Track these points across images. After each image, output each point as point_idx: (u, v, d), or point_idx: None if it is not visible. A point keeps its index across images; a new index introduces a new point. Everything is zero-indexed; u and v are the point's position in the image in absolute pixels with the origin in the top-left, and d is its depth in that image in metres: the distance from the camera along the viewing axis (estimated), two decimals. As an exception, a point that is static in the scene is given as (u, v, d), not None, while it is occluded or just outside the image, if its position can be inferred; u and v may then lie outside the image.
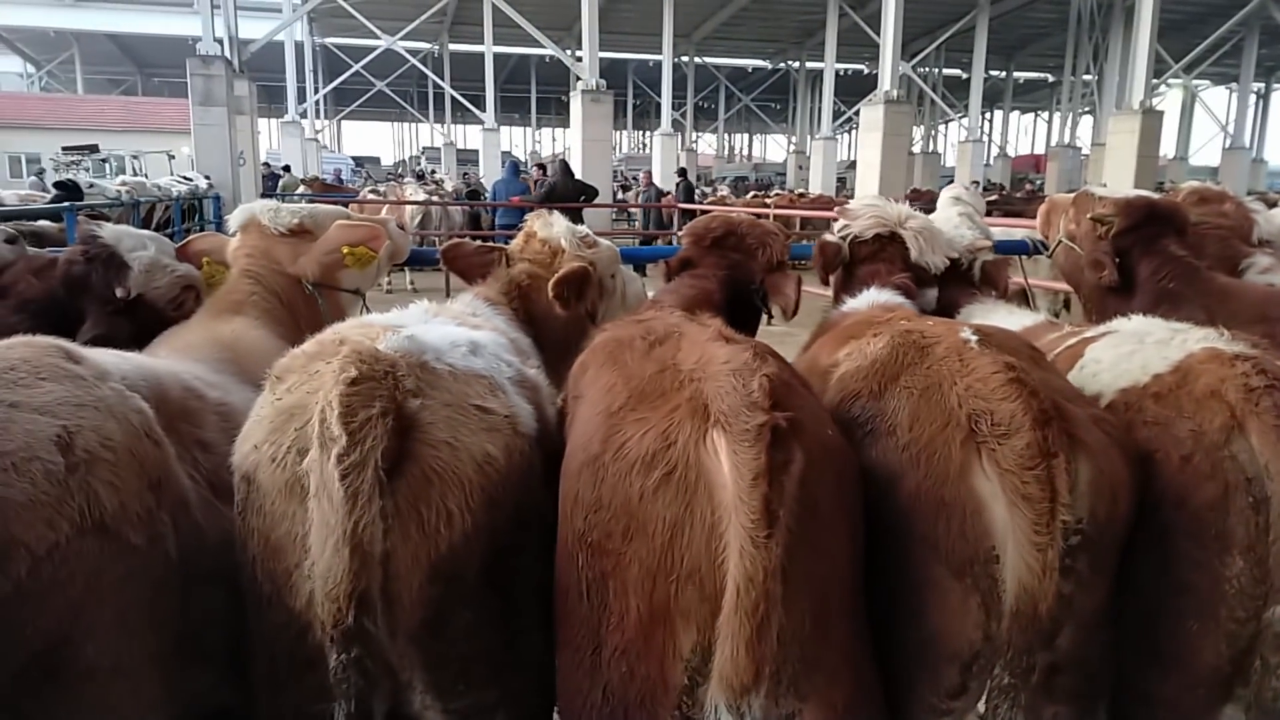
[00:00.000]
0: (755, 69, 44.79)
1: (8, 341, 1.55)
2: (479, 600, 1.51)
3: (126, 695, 1.41)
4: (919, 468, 1.56)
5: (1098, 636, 1.63)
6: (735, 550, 1.30)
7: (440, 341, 1.69)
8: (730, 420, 1.36)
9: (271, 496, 1.46)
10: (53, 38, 39.10)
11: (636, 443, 1.44)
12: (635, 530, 1.41)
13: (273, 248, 2.76)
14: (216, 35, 16.59)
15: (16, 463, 1.29)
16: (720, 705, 1.35)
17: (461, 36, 34.42)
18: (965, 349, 1.66)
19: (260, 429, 1.52)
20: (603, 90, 16.76)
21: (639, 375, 1.58)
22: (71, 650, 1.33)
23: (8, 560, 1.24)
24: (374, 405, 1.39)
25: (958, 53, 34.86)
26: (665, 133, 27.10)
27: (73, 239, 7.31)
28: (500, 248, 2.87)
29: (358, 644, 1.36)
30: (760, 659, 1.30)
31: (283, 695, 1.49)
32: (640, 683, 1.42)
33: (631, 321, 1.91)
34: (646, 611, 1.41)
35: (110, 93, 45.16)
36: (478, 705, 1.55)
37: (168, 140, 27.35)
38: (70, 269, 2.64)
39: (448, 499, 1.44)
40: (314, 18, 30.94)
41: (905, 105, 17.84)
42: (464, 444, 1.49)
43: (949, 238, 2.95)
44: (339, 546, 1.32)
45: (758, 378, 1.40)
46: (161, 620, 1.48)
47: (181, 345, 2.32)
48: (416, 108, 43.49)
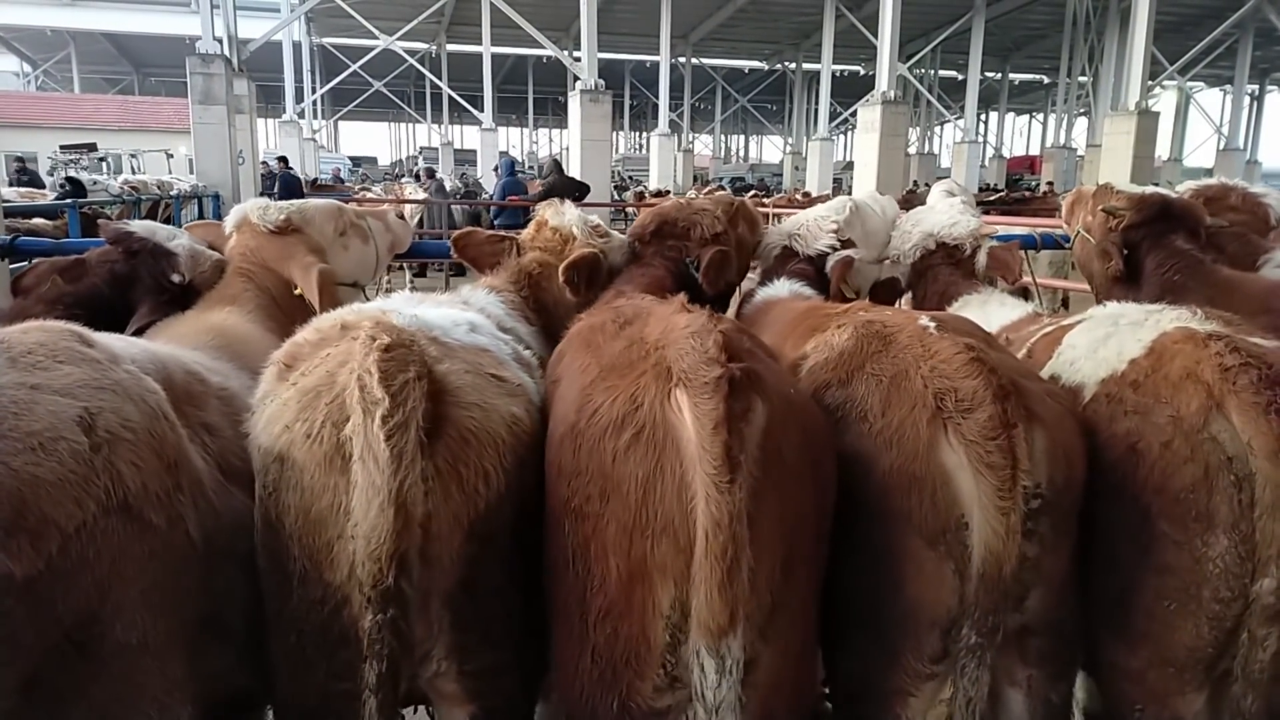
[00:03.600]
0: (752, 70, 44.86)
1: (22, 326, 1.57)
2: (506, 561, 1.58)
3: (153, 673, 1.43)
4: (891, 448, 1.64)
5: (1067, 601, 1.73)
6: (701, 498, 1.37)
7: (443, 320, 1.77)
8: (690, 376, 1.44)
9: (310, 471, 1.49)
10: (49, 37, 39.07)
11: (607, 408, 1.52)
12: (611, 491, 1.48)
13: (263, 245, 2.78)
14: (216, 34, 16.62)
15: (43, 442, 1.30)
16: (702, 650, 1.42)
17: (459, 37, 34.46)
18: (926, 335, 1.76)
19: (288, 410, 1.56)
20: (601, 90, 16.81)
21: (610, 352, 1.67)
22: (100, 628, 1.35)
23: (39, 539, 1.25)
24: (409, 369, 1.45)
25: (954, 54, 35.01)
26: (662, 133, 27.18)
27: (74, 234, 7.39)
28: (511, 237, 2.92)
29: (394, 605, 1.41)
30: (733, 601, 1.38)
31: (309, 673, 1.53)
32: (625, 643, 1.49)
33: (604, 308, 2.02)
34: (626, 570, 1.47)
35: (107, 92, 45.15)
36: (492, 666, 1.60)
37: (165, 139, 27.43)
38: (115, 267, 2.67)
39: (484, 458, 1.51)
40: (312, 17, 31.00)
41: (902, 106, 17.91)
42: (493, 405, 1.57)
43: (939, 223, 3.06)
44: (384, 506, 1.37)
45: (713, 335, 1.50)
46: (184, 600, 1.50)
47: (174, 335, 2.36)
48: (414, 108, 43.53)
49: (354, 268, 2.99)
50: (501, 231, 3.00)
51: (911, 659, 1.65)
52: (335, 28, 34.19)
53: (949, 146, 40.74)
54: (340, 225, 2.95)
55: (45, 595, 1.27)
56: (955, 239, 3.02)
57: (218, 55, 15.72)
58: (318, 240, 2.85)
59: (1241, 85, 34.22)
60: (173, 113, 31.92)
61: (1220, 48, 29.89)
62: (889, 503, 1.63)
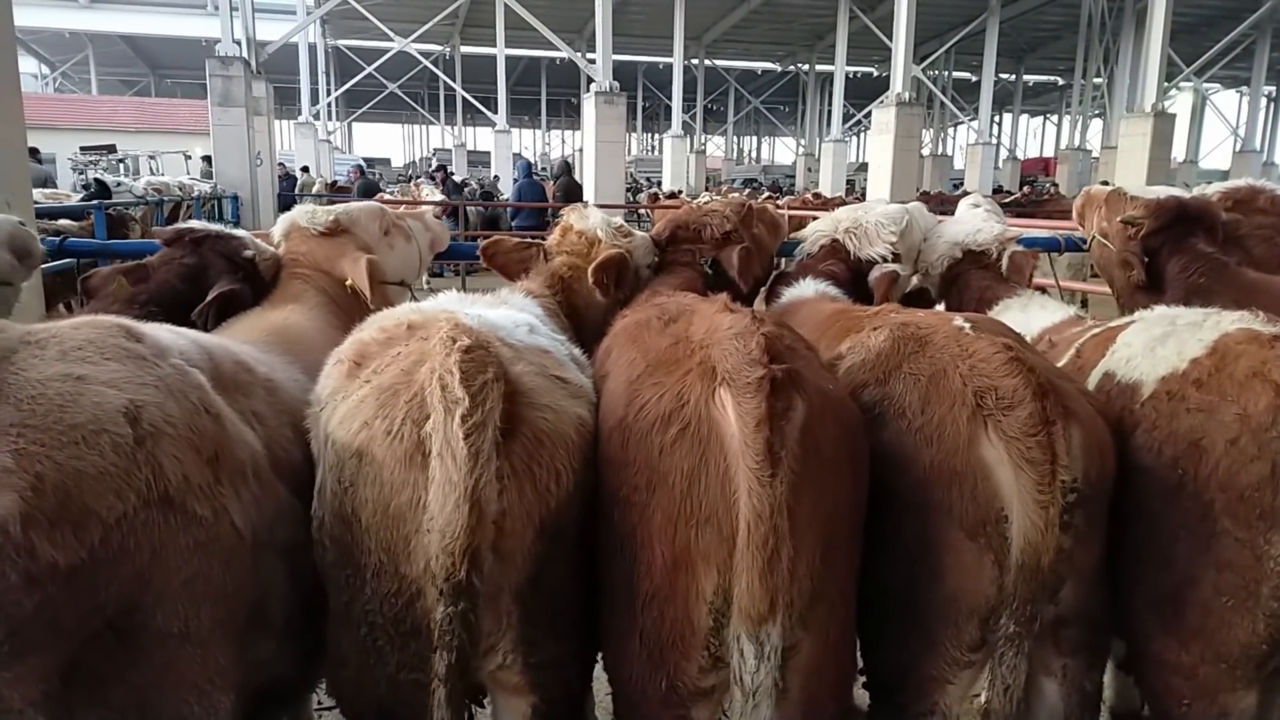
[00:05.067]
0: (765, 71, 44.87)
1: (73, 321, 1.60)
2: (571, 557, 1.64)
3: (194, 661, 1.46)
4: (931, 444, 1.71)
5: (1098, 592, 1.79)
6: (744, 491, 1.46)
7: (505, 321, 1.83)
8: (734, 376, 1.52)
9: (390, 467, 1.53)
10: (67, 39, 39.37)
11: (655, 404, 1.60)
12: (657, 482, 1.57)
13: (314, 248, 2.86)
14: (235, 37, 16.78)
15: (86, 435, 1.34)
16: (742, 636, 1.50)
17: (473, 39, 34.58)
18: (962, 335, 1.83)
19: (366, 407, 1.60)
20: (616, 92, 16.88)
21: (656, 348, 1.75)
22: (142, 617, 1.38)
23: (81, 530, 1.29)
24: (488, 371, 1.51)
25: (968, 56, 34.91)
26: (675, 135, 27.22)
27: (101, 235, 7.49)
28: (537, 243, 3.00)
29: (465, 599, 1.46)
30: (774, 589, 1.46)
31: (380, 665, 1.57)
32: (671, 626, 1.57)
33: (648, 305, 2.08)
34: (671, 557, 1.56)
35: (124, 93, 45.49)
36: (555, 658, 1.66)
37: (183, 140, 27.64)
38: (184, 260, 2.75)
39: (556, 458, 1.58)
40: (327, 20, 31.17)
41: (917, 107, 17.92)
42: (563, 407, 1.64)
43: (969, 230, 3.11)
44: (460, 503, 1.42)
45: (756, 337, 1.57)
46: (229, 590, 1.52)
47: (236, 332, 2.41)
48: (428, 109, 43.74)
49: (400, 266, 3.06)
50: (528, 238, 3.08)
51: (950, 647, 1.71)
52: (350, 30, 34.36)
53: (963, 148, 40.64)
54: (384, 225, 3.03)
55: (87, 584, 1.30)
56: (981, 245, 3.07)
57: (237, 58, 15.87)
58: (365, 239, 2.93)
59: (1259, 87, 33.98)
60: (189, 114, 32.21)
61: (1237, 49, 29.71)
62: (929, 496, 1.69)
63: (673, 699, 1.60)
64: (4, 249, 2.76)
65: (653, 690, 1.62)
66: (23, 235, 2.81)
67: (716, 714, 1.61)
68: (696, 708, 1.61)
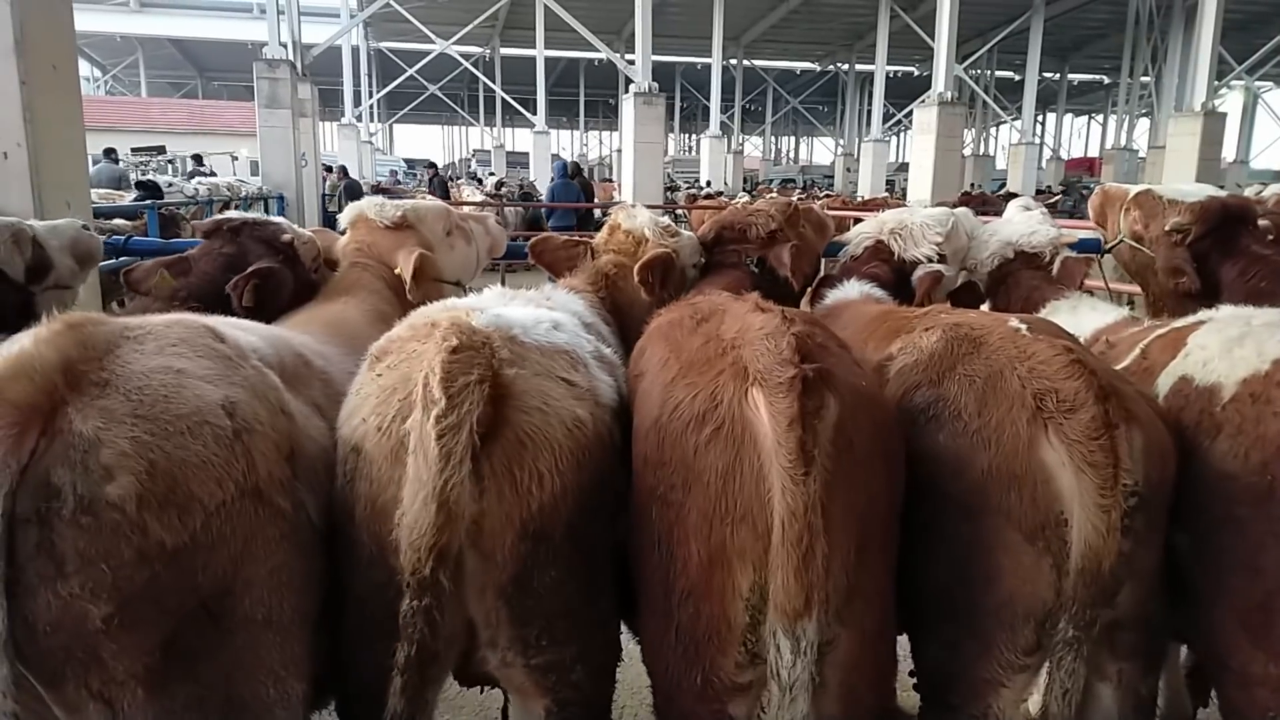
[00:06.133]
0: (804, 71, 44.65)
1: (164, 319, 1.68)
2: (563, 560, 1.62)
3: (275, 648, 1.52)
4: (988, 446, 1.70)
5: (1156, 596, 1.77)
6: (778, 489, 1.46)
7: (526, 319, 1.82)
8: (766, 376, 1.52)
9: (379, 463, 1.57)
10: (119, 43, 40.34)
11: (689, 404, 1.61)
12: (693, 481, 1.57)
13: (378, 240, 2.92)
14: (281, 40, 17.07)
15: (191, 426, 1.41)
16: (778, 631, 1.50)
17: (513, 40, 34.83)
18: (1019, 337, 1.82)
19: (367, 403, 1.66)
20: (655, 93, 16.88)
21: (688, 348, 1.75)
22: (231, 601, 1.45)
23: (185, 514, 1.36)
24: (472, 372, 1.52)
25: (1011, 54, 34.43)
26: (713, 135, 27.19)
27: (153, 234, 7.66)
28: (585, 241, 3.03)
29: (429, 594, 1.46)
30: (809, 585, 1.46)
31: (370, 652, 1.60)
32: (707, 622, 1.59)
33: (681, 304, 2.09)
34: (707, 555, 1.57)
35: (172, 96, 46.49)
36: (557, 660, 1.67)
37: (230, 142, 28.15)
38: (223, 250, 2.81)
39: (539, 461, 1.56)
40: (370, 23, 31.60)
41: (959, 107, 17.70)
42: (554, 410, 1.62)
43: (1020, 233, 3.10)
44: (427, 501, 1.43)
45: (787, 337, 1.58)
46: (307, 582, 1.60)
47: (291, 323, 2.47)
48: (467, 111, 44.11)
49: (458, 267, 3.11)
50: (577, 236, 3.11)
51: (1005, 650, 1.70)
52: (392, 32, 34.78)
53: (1005, 148, 40.07)
54: (448, 225, 3.09)
55: (188, 565, 1.38)
56: (1035, 247, 3.05)
57: (283, 60, 16.13)
58: (428, 237, 2.98)
59: (1313, 85, 33.12)
60: (236, 116, 32.81)
61: (1290, 46, 29.02)
62: (986, 499, 1.68)
63: (709, 694, 1.62)
64: (67, 254, 2.83)
65: (689, 685, 1.63)
66: (85, 239, 2.88)
67: (754, 709, 1.61)
68: (733, 703, 1.61)
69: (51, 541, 1.28)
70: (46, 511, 1.27)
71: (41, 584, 1.28)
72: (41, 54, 4.92)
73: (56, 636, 1.29)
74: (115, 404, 1.37)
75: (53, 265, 2.70)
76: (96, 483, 1.30)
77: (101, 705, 1.33)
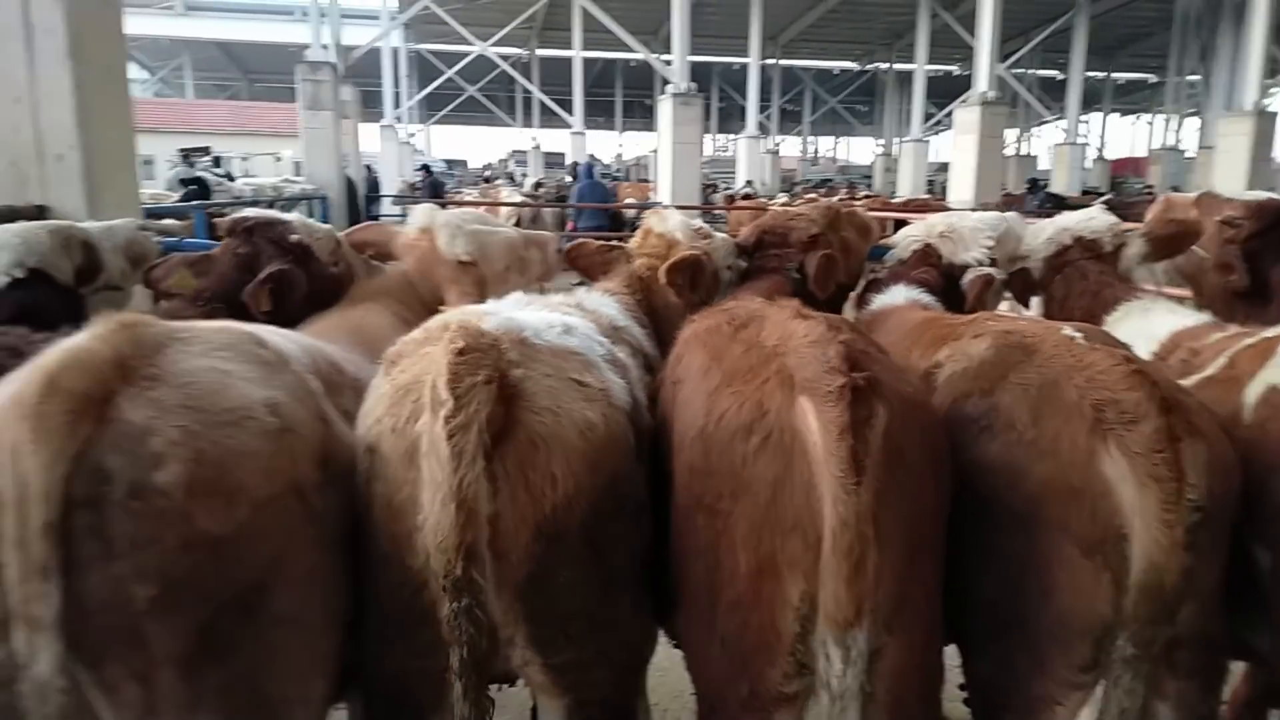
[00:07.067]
0: (843, 71, 44.31)
1: (211, 325, 1.72)
2: (579, 560, 1.63)
3: (303, 646, 1.54)
4: (1045, 458, 1.67)
5: (1217, 613, 1.72)
6: (829, 499, 1.46)
7: (537, 322, 1.84)
8: (813, 385, 1.52)
9: (393, 463, 1.60)
10: (166, 45, 41.14)
11: (734, 414, 1.60)
12: (741, 491, 1.57)
13: (437, 264, 2.93)
14: (323, 42, 17.30)
15: (238, 419, 1.46)
16: (829, 641, 1.50)
17: (551, 41, 34.96)
18: (1074, 345, 1.78)
19: (382, 404, 1.68)
20: (692, 94, 16.84)
21: (730, 356, 1.74)
22: (267, 595, 1.47)
23: (233, 504, 1.39)
24: (479, 373, 1.53)
25: (1054, 53, 33.86)
26: (751, 135, 27.05)
27: (200, 234, 7.81)
28: (621, 246, 3.03)
29: (468, 594, 1.48)
30: (860, 595, 1.46)
31: (392, 651, 1.63)
32: (754, 632, 1.58)
33: (716, 311, 2.07)
34: (755, 565, 1.56)
35: (217, 97, 47.31)
36: (577, 661, 1.67)
37: (273, 143, 28.57)
38: (238, 250, 2.83)
39: (552, 462, 1.57)
40: (409, 25, 31.86)
41: (1001, 106, 17.44)
42: (566, 411, 1.62)
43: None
44: (445, 502, 1.45)
45: (834, 345, 1.57)
46: (336, 584, 1.63)
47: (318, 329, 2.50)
48: (505, 112, 44.32)
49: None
50: (612, 243, 3.10)
51: (1060, 667, 1.67)
52: (431, 34, 35.04)
53: (1049, 149, 39.43)
54: (509, 261, 3.09)
55: (230, 555, 1.40)
56: (1094, 233, 2.98)
57: (325, 63, 16.36)
58: (485, 274, 2.98)
59: (1369, 83, 32.15)
60: (279, 117, 33.27)
61: (1346, 43, 28.22)
62: (1041, 511, 1.65)
63: (755, 704, 1.61)
64: (121, 256, 2.88)
65: (735, 695, 1.63)
66: (140, 240, 2.93)
67: (799, 718, 1.60)
68: (779, 712, 1.60)
69: (102, 524, 1.31)
70: (98, 495, 1.31)
71: (92, 565, 1.31)
72: (94, 59, 5.02)
73: (103, 616, 1.32)
74: (165, 396, 1.41)
75: (104, 267, 2.75)
76: (146, 469, 1.33)
77: (137, 686, 1.35)
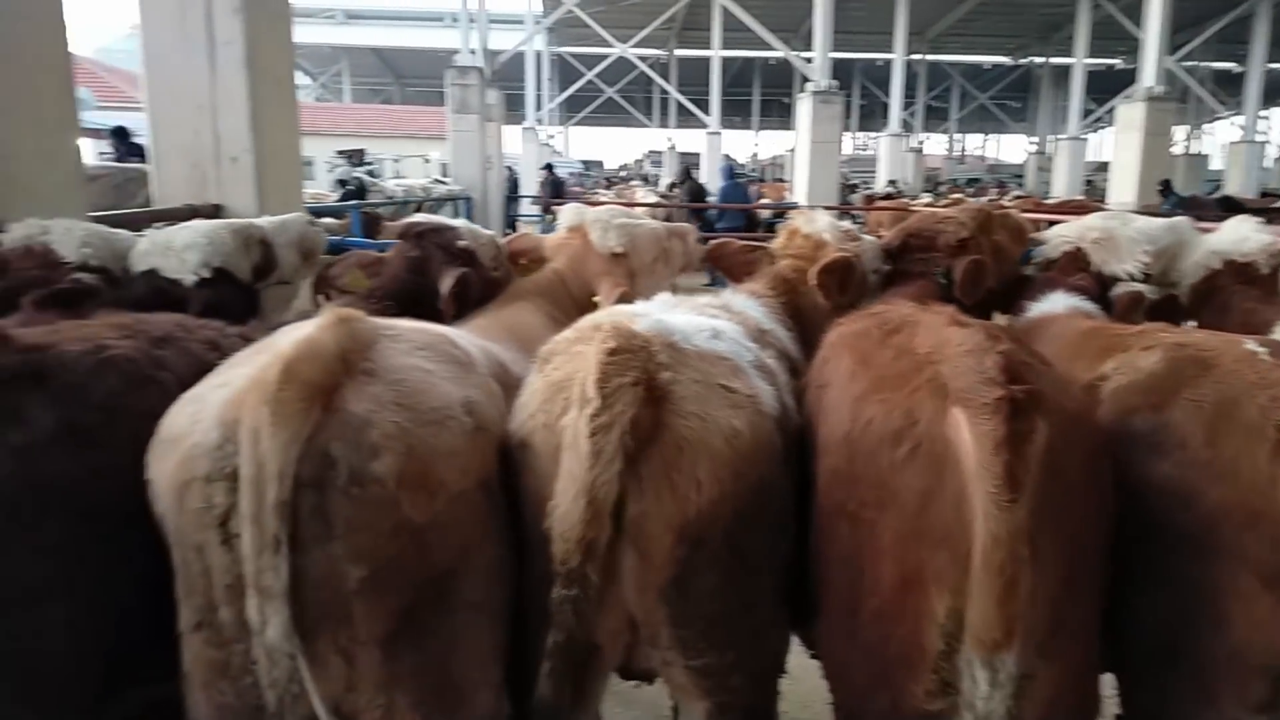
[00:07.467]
0: (995, 66, 42.49)
1: (411, 325, 1.84)
2: (722, 565, 1.63)
3: (485, 632, 1.63)
4: (1221, 480, 1.57)
5: None
6: (981, 515, 1.40)
7: (686, 326, 1.84)
8: (968, 396, 1.46)
9: (543, 458, 1.63)
10: (327, 53, 43.72)
11: (883, 421, 1.57)
12: (888, 500, 1.54)
13: (589, 259, 3.01)
14: (470, 48, 17.97)
15: (442, 418, 1.55)
16: (975, 662, 1.45)
17: (689, 41, 35.08)
18: (1256, 361, 1.65)
19: (535, 400, 1.73)
20: (833, 91, 16.54)
21: (878, 361, 1.70)
22: (456, 582, 1.56)
23: (432, 496, 1.49)
24: (627, 375, 1.55)
25: (1231, 44, 31.33)
26: (894, 133, 26.34)
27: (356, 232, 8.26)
28: (763, 246, 3.01)
29: (578, 586, 1.50)
30: (1011, 616, 1.39)
31: (534, 639, 1.64)
32: (897, 645, 1.54)
33: (865, 314, 2.03)
34: (900, 576, 1.52)
35: (371, 101, 49.86)
36: (717, 665, 1.67)
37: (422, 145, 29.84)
38: (408, 253, 2.96)
39: (697, 468, 1.57)
40: (552, 29, 32.66)
41: (1169, 102, 16.32)
42: (713, 417, 1.62)
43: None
44: (577, 497, 1.47)
45: (992, 355, 1.50)
46: (511, 575, 1.69)
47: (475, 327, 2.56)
48: (641, 112, 44.77)
49: (650, 290, 3.15)
50: (755, 243, 3.08)
51: (1230, 704, 1.56)
52: (572, 37, 35.80)
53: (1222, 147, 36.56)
54: (656, 253, 3.15)
55: (427, 542, 1.50)
56: (1246, 256, 2.76)
57: (472, 68, 16.97)
58: (636, 266, 3.06)
59: None
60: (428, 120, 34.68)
61: None
62: (1215, 537, 1.55)
63: (895, 717, 1.57)
64: (293, 250, 3.07)
65: (875, 708, 1.60)
66: (311, 235, 3.11)
67: None
68: None
69: (325, 506, 1.42)
70: (323, 479, 1.42)
71: (314, 543, 1.42)
72: (267, 68, 5.39)
73: (319, 592, 1.43)
74: (381, 391, 1.51)
75: (278, 263, 2.94)
76: (365, 458, 1.43)
77: (343, 661, 1.46)
